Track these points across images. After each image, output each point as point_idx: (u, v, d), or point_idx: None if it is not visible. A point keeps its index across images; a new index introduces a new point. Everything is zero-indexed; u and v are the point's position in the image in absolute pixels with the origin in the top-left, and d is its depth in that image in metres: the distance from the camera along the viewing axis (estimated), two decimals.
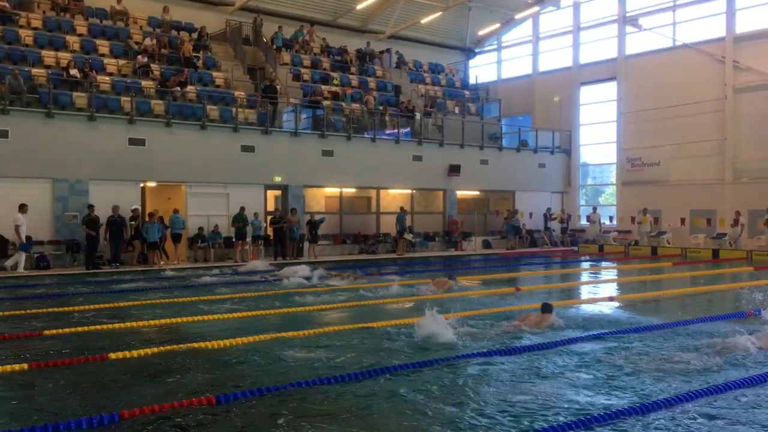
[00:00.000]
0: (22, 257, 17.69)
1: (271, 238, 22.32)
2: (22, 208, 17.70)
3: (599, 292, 14.64)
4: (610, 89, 29.78)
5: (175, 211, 20.49)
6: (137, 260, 19.67)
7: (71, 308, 11.36)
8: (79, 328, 9.29)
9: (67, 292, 13.85)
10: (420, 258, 23.53)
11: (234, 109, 22.34)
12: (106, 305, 11.79)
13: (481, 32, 34.47)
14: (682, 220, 25.56)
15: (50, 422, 5.13)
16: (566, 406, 5.71)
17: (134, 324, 9.80)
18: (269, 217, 22.75)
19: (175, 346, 8.03)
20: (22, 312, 10.95)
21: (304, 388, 6.19)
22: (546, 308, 9.56)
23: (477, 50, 36.02)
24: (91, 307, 11.55)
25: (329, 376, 6.54)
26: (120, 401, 5.76)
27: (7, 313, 10.84)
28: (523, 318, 9.48)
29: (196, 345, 8.11)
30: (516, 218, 27.23)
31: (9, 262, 17.63)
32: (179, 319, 10.05)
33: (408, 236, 25.02)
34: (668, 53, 27.57)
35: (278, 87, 24.85)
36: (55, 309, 11.27)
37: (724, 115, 25.72)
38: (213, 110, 22.09)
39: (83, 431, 5.04)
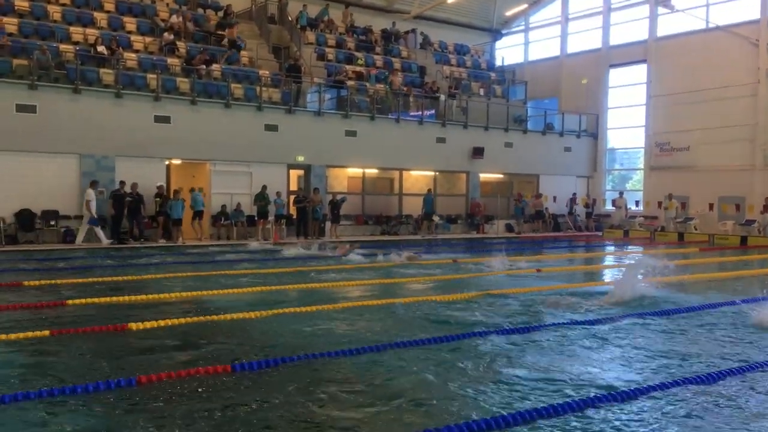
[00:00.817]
0: (99, 231, 18.45)
1: (294, 217, 22.41)
2: (93, 184, 18.42)
3: (620, 275, 14.45)
4: (639, 72, 29.28)
5: (195, 190, 20.58)
6: (161, 236, 19.87)
7: (93, 279, 11.54)
8: (101, 299, 9.42)
9: (90, 265, 14.04)
10: (444, 240, 23.42)
11: (258, 88, 22.37)
12: (129, 278, 11.95)
13: (509, 12, 34.05)
14: (711, 206, 25.13)
15: (67, 385, 5.21)
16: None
17: (156, 296, 9.90)
18: (292, 197, 22.82)
19: (199, 318, 8.11)
20: (47, 282, 11.13)
21: (326, 358, 6.23)
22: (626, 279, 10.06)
23: (504, 31, 35.61)
24: (113, 279, 11.72)
25: (349, 348, 6.57)
26: (138, 368, 5.82)
27: (32, 283, 11.02)
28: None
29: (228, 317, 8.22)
30: (525, 201, 27.03)
31: (78, 239, 18.32)
32: (208, 292, 10.16)
33: (435, 218, 24.98)
34: (700, 35, 26.99)
35: (302, 66, 24.81)
36: (79, 280, 11.46)
37: (756, 99, 25.15)
38: (237, 89, 22.14)
39: (100, 394, 5.09)
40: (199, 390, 5.27)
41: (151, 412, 4.76)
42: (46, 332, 7.15)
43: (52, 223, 18.63)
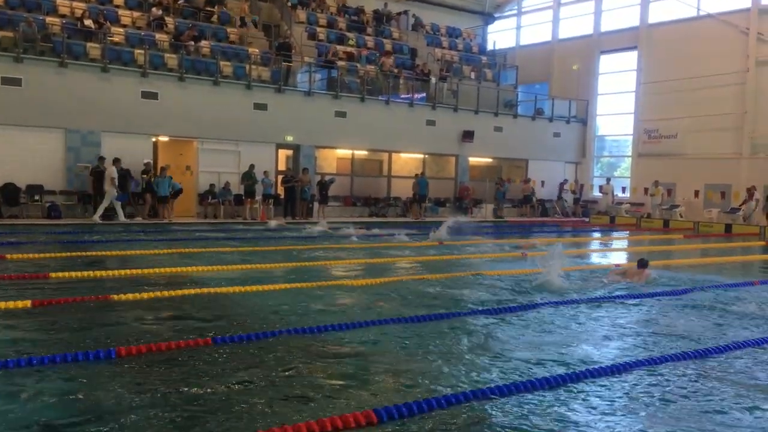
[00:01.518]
0: (120, 208, 18.72)
1: (282, 197, 22.34)
2: (117, 162, 18.50)
3: (605, 259, 14.56)
4: (630, 58, 29.29)
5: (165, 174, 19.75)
6: (148, 214, 19.76)
7: (77, 254, 11.49)
8: (84, 273, 9.37)
9: (74, 240, 13.95)
10: (433, 223, 23.39)
11: (248, 66, 22.19)
12: (113, 253, 11.90)
13: None
14: (696, 193, 25.30)
15: (46, 354, 5.19)
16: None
17: (139, 271, 9.85)
18: (280, 177, 22.74)
19: (183, 291, 8.10)
20: (30, 256, 11.06)
21: (311, 334, 6.25)
22: (642, 264, 10.11)
23: (496, 15, 35.47)
24: (97, 254, 11.67)
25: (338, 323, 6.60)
26: (118, 340, 5.80)
27: (15, 256, 10.94)
28: (621, 272, 10.36)
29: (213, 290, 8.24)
30: (506, 186, 27.06)
31: (120, 218, 18.71)
32: (193, 269, 10.14)
33: (424, 203, 24.97)
34: (692, 23, 27.01)
35: (293, 45, 24.63)
36: (62, 254, 11.41)
37: (745, 88, 25.25)
38: (226, 66, 21.95)
39: (79, 364, 5.08)
40: (179, 362, 5.26)
41: (130, 382, 4.74)
42: (28, 303, 7.11)
43: (37, 197, 18.49)
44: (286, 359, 5.45)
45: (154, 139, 20.79)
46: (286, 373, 5.07)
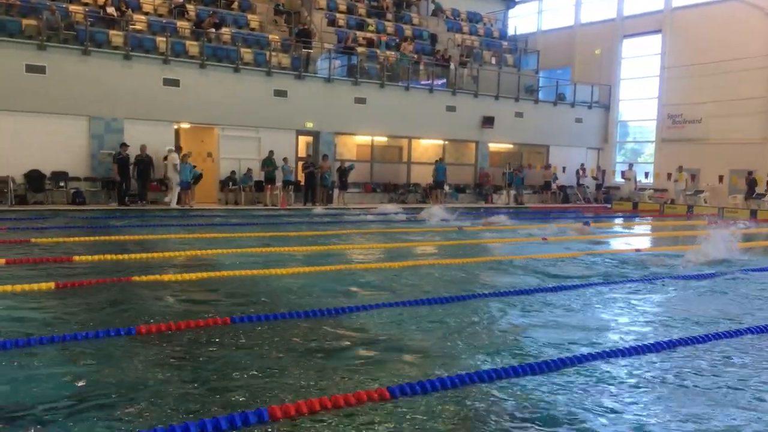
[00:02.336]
0: (175, 193, 19.37)
1: (302, 183, 22.44)
2: (177, 149, 19.57)
3: (625, 244, 14.46)
4: (653, 43, 28.86)
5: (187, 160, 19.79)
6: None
7: (100, 238, 11.68)
8: (107, 256, 9.53)
9: (98, 225, 14.18)
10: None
11: (268, 53, 22.25)
12: (135, 237, 12.09)
13: None
14: (720, 179, 24.96)
15: (69, 332, 5.31)
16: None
17: (161, 254, 10.01)
18: (300, 163, 22.83)
19: (203, 274, 8.22)
20: (55, 240, 11.27)
21: (332, 315, 6.34)
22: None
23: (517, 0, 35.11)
24: (120, 238, 11.86)
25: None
26: (138, 319, 5.92)
27: (40, 240, 11.15)
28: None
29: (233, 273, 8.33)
30: (524, 171, 26.82)
31: (167, 198, 19.40)
32: (211, 251, 10.28)
33: (446, 187, 24.96)
34: (716, 6, 26.52)
35: (313, 32, 24.64)
36: (85, 239, 11.61)
37: None
38: (247, 53, 22.04)
39: (100, 341, 5.20)
40: (198, 340, 5.36)
41: (150, 358, 4.85)
42: (51, 285, 7.26)
43: (62, 184, 18.78)
44: (306, 338, 5.52)
45: (175, 126, 20.97)
46: (304, 351, 5.14)
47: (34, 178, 18.24)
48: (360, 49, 25.06)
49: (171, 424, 3.58)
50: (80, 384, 4.29)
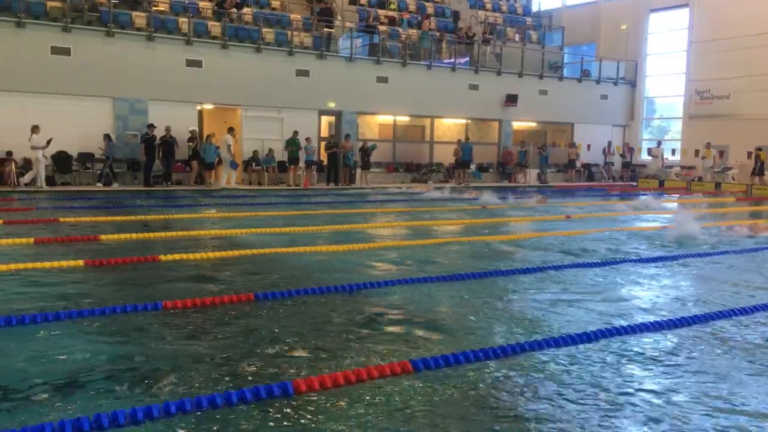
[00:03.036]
0: (231, 173, 20.04)
1: (325, 163, 22.47)
2: (231, 130, 19.95)
3: (649, 222, 14.29)
4: (681, 17, 28.27)
5: (212, 140, 19.97)
6: (194, 180, 20.14)
7: (127, 218, 11.83)
8: (133, 235, 9.67)
9: (124, 205, 14.36)
10: (475, 187, 23.31)
11: (289, 33, 22.21)
12: (161, 217, 12.23)
13: None
14: (749, 155, 24.49)
15: (97, 307, 5.41)
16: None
17: (186, 233, 10.13)
18: (322, 143, 22.84)
19: (228, 253, 8.30)
20: (82, 219, 11.44)
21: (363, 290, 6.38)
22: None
23: None
24: (146, 217, 12.01)
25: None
26: (164, 295, 6.00)
27: (68, 219, 11.33)
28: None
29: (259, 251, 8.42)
30: (548, 149, 26.53)
31: (222, 181, 19.99)
32: (236, 231, 10.37)
33: (473, 166, 24.86)
34: None
35: (334, 11, 24.51)
36: (112, 218, 11.77)
37: None
38: (269, 33, 22.02)
39: (128, 315, 5.29)
40: (223, 315, 5.42)
41: (175, 332, 4.92)
42: (80, 262, 7.38)
43: (88, 165, 19.02)
44: (328, 314, 5.56)
45: (199, 107, 21.08)
46: (327, 327, 5.18)
47: (62, 160, 18.49)
48: (382, 28, 24.90)
49: (198, 395, 3.63)
50: (109, 357, 4.37)
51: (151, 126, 18.96)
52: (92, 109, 18.95)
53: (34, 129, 17.34)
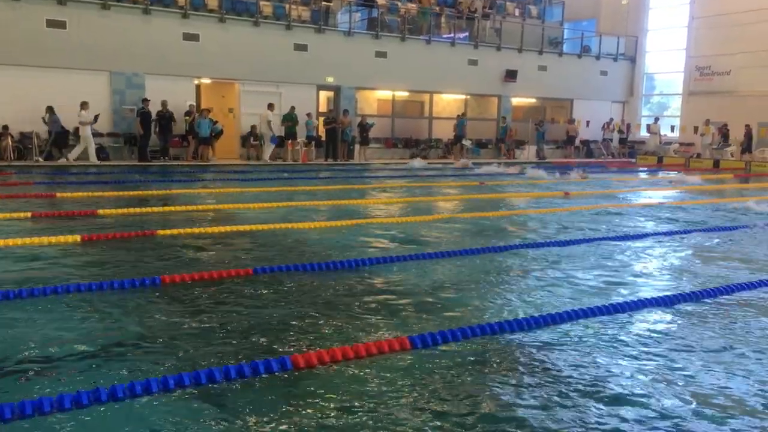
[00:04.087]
0: (271, 148, 20.87)
1: (323, 139, 22.38)
2: (271, 106, 20.64)
3: (642, 198, 14.29)
4: None
5: (203, 115, 19.80)
6: (192, 155, 20.06)
7: (124, 193, 11.80)
8: (131, 210, 9.65)
9: (121, 180, 14.31)
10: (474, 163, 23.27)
11: (287, 6, 21.98)
12: (158, 192, 12.20)
13: None
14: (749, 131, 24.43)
15: (95, 282, 5.40)
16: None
17: (183, 208, 10.11)
18: (321, 118, 22.73)
19: (226, 228, 8.28)
20: (79, 194, 11.41)
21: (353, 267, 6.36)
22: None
23: None
24: (143, 193, 11.98)
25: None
26: (162, 270, 5.99)
27: (65, 194, 11.30)
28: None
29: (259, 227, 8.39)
30: (546, 125, 26.39)
31: (265, 155, 20.93)
32: (233, 206, 10.35)
33: (466, 142, 24.75)
34: None
35: None
36: (109, 193, 11.76)
37: None
38: (266, 6, 21.79)
39: (125, 291, 5.28)
40: (221, 290, 5.42)
41: (173, 307, 4.92)
42: (77, 237, 7.36)
43: None
44: (326, 290, 5.56)
45: (196, 82, 20.92)
46: (325, 302, 5.19)
47: (58, 134, 18.37)
48: (381, 2, 24.63)
49: (196, 369, 3.64)
50: (106, 332, 4.38)
51: (145, 100, 18.82)
52: (89, 83, 18.78)
53: (83, 105, 17.86)
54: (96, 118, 18.02)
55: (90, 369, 3.75)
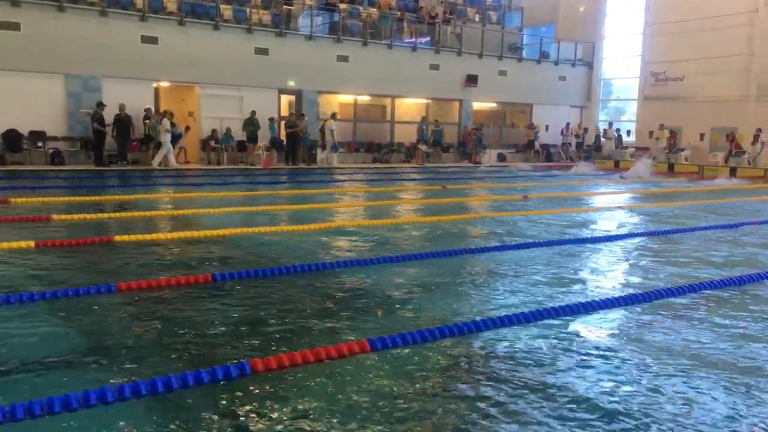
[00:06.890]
0: (333, 157, 22.19)
1: (284, 143, 22.25)
2: (334, 116, 22.06)
3: (597, 201, 14.59)
4: None
5: (158, 117, 19.47)
6: (152, 159, 19.74)
7: (80, 198, 11.58)
8: (87, 216, 9.47)
9: (77, 185, 14.04)
10: (434, 167, 23.44)
11: (248, 10, 21.83)
12: (115, 197, 12.00)
13: None
14: (701, 136, 25.10)
15: (49, 290, 5.30)
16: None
17: (141, 214, 9.96)
18: (282, 122, 22.61)
19: (185, 233, 8.19)
20: (34, 200, 11.15)
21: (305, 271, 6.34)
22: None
23: None
24: (100, 198, 11.77)
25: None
26: (120, 277, 5.90)
27: (19, 200, 11.04)
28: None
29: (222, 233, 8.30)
30: (482, 132, 26.54)
31: (321, 156, 22.26)
32: (192, 211, 10.23)
33: (422, 146, 24.86)
34: None
35: None
36: (65, 199, 11.51)
37: (753, 29, 24.71)
38: (226, 9, 21.61)
39: (80, 299, 5.19)
40: (179, 297, 5.37)
41: (129, 314, 4.86)
42: (31, 243, 7.21)
43: (40, 144, 18.50)
44: (288, 294, 5.55)
45: (155, 85, 20.63)
46: (286, 307, 5.18)
47: (12, 138, 17.94)
48: (342, 6, 24.66)
49: (153, 377, 3.60)
50: (60, 340, 4.30)
51: (100, 104, 18.45)
52: (44, 86, 18.37)
53: (165, 114, 19.25)
54: (183, 130, 20.17)
55: (40, 378, 3.68)
